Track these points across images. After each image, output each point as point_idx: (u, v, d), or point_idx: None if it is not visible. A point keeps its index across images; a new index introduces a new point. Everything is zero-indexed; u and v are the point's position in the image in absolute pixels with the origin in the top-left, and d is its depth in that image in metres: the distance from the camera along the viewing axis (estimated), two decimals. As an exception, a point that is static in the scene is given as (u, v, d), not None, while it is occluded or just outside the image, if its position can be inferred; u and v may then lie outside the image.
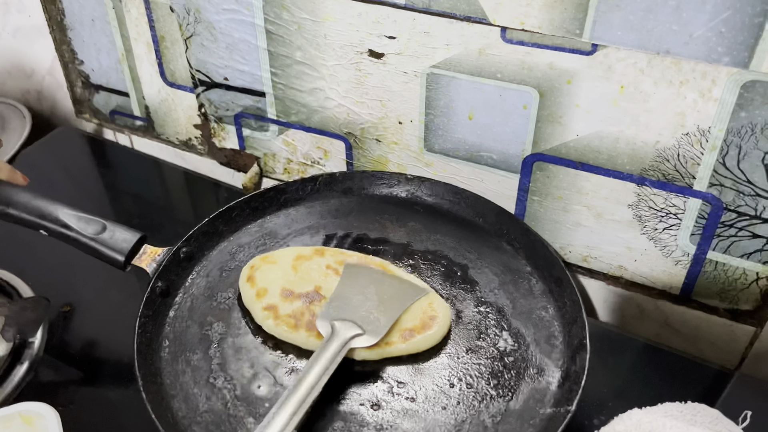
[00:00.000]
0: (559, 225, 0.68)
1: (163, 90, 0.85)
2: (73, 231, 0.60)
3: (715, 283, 0.63)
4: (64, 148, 0.94)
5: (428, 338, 0.56)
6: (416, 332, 0.56)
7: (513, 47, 0.59)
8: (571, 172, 0.64)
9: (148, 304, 0.58)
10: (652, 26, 0.53)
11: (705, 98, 0.54)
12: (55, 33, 0.88)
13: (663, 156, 0.59)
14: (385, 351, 0.55)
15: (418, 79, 0.66)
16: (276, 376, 0.55)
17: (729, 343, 0.65)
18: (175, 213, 0.86)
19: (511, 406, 0.53)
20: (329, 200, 0.71)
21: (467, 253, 0.65)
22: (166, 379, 0.54)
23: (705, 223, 0.60)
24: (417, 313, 0.57)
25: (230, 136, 0.83)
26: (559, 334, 0.57)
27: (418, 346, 0.56)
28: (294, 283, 0.60)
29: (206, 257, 0.65)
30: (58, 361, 0.64)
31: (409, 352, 0.56)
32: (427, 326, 0.56)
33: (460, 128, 0.67)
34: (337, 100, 0.72)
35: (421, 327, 0.56)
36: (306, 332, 0.56)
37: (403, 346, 0.55)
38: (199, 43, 0.76)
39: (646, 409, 0.48)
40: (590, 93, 0.58)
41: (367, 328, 0.55)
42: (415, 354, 0.56)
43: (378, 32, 0.65)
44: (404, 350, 0.56)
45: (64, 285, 0.71)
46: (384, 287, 0.59)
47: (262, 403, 0.53)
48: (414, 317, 0.57)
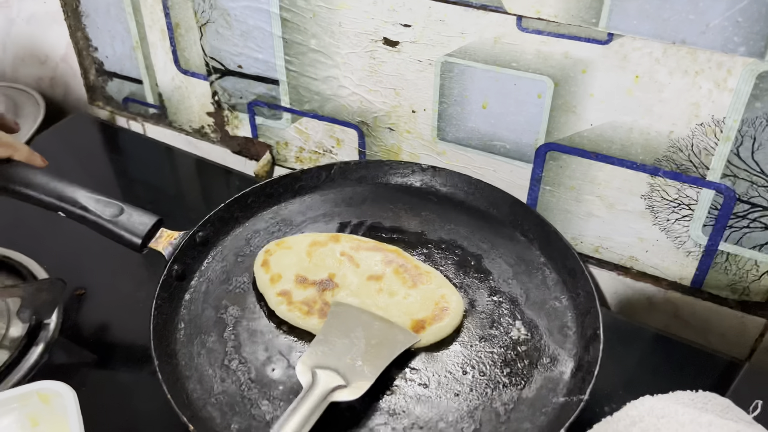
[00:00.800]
0: (571, 215, 0.68)
1: (177, 77, 0.85)
2: (91, 213, 0.61)
3: (726, 275, 0.63)
4: (77, 135, 0.95)
5: (439, 330, 0.56)
6: (427, 323, 0.56)
7: (528, 36, 0.59)
8: (584, 161, 0.64)
9: (165, 287, 0.59)
10: (669, 15, 0.53)
11: (720, 88, 0.54)
12: (70, 20, 0.89)
13: (677, 146, 0.59)
14: None
15: (433, 67, 0.66)
16: (290, 360, 0.55)
17: (739, 335, 0.65)
18: (186, 200, 0.86)
19: (524, 394, 0.53)
20: (343, 188, 0.71)
21: (481, 243, 0.65)
22: (181, 361, 0.55)
23: (717, 214, 0.60)
24: (429, 304, 0.57)
25: (243, 124, 0.83)
26: (572, 325, 0.58)
27: (428, 338, 0.56)
28: (308, 270, 0.60)
29: (222, 242, 0.65)
30: (72, 343, 0.64)
31: (422, 345, 0.56)
32: (439, 318, 0.56)
33: (474, 117, 0.67)
34: (351, 89, 0.72)
35: (433, 318, 0.56)
36: (318, 319, 0.56)
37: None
38: (214, 31, 0.76)
39: (658, 396, 0.49)
40: (605, 82, 0.59)
41: (351, 379, 0.50)
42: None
43: (393, 20, 0.65)
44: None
45: (78, 268, 0.71)
46: (372, 331, 0.55)
47: (276, 386, 0.53)
48: (426, 308, 0.57)
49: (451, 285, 0.60)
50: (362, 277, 0.59)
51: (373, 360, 0.53)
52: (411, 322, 0.56)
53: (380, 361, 0.53)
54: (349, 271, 0.60)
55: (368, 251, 0.62)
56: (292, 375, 0.54)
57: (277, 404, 0.52)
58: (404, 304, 0.57)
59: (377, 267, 0.60)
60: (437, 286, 0.59)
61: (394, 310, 0.57)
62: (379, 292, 0.58)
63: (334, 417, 0.51)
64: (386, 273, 0.60)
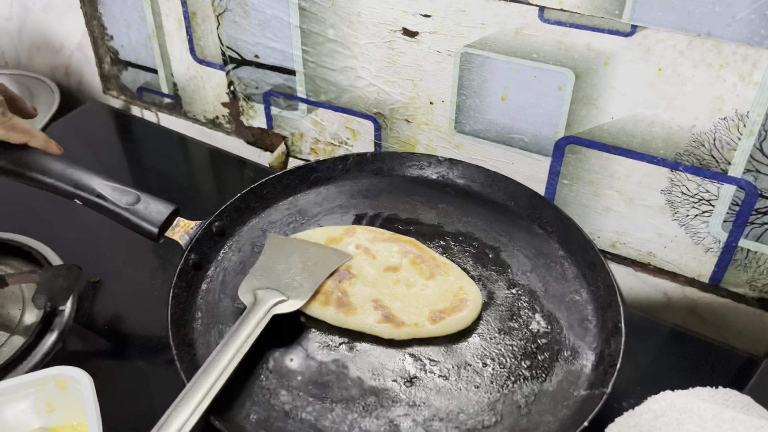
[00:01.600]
0: (589, 209, 0.67)
1: (192, 67, 0.85)
2: (107, 201, 0.60)
3: (745, 272, 0.63)
4: (91, 124, 0.95)
5: (458, 321, 0.56)
6: (446, 314, 0.56)
7: (550, 27, 0.59)
8: (603, 155, 0.63)
9: (182, 276, 0.58)
10: (694, 7, 0.52)
11: (745, 82, 0.54)
12: (86, 8, 0.89)
13: (698, 141, 0.58)
14: (413, 331, 0.55)
15: (452, 58, 0.65)
16: (308, 350, 0.55)
17: (757, 332, 0.65)
18: (200, 190, 0.86)
19: (545, 387, 0.52)
20: (359, 180, 0.71)
21: (499, 236, 0.64)
22: (199, 350, 0.55)
23: (738, 210, 0.60)
24: (447, 296, 0.57)
25: (258, 115, 0.83)
26: (592, 318, 0.57)
27: (446, 329, 0.56)
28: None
29: (238, 232, 0.65)
30: (87, 330, 0.64)
31: (438, 334, 0.55)
32: (458, 309, 0.56)
33: (493, 109, 0.67)
34: (368, 80, 0.72)
35: (452, 309, 0.56)
36: (335, 308, 0.56)
37: (432, 327, 0.55)
38: (231, 20, 0.76)
39: (678, 392, 0.48)
40: (627, 75, 0.58)
41: (291, 294, 0.55)
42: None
43: (413, 10, 0.64)
44: (432, 332, 0.55)
45: (93, 256, 0.71)
46: (308, 254, 0.59)
47: (294, 376, 0.53)
48: (444, 299, 0.57)
49: (469, 278, 0.59)
50: (379, 269, 0.59)
51: (310, 277, 0.57)
52: (429, 312, 0.56)
53: (317, 277, 0.57)
54: (366, 263, 0.60)
55: (384, 242, 0.61)
56: (311, 365, 0.54)
57: (295, 394, 0.52)
58: (422, 295, 0.57)
59: (394, 258, 0.60)
60: (455, 278, 0.59)
61: (412, 300, 0.57)
62: (396, 283, 0.58)
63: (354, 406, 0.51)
64: (403, 264, 0.59)
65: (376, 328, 0.55)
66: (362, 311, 0.56)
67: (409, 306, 0.56)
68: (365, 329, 0.55)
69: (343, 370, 0.53)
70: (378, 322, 0.55)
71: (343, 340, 0.56)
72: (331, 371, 0.53)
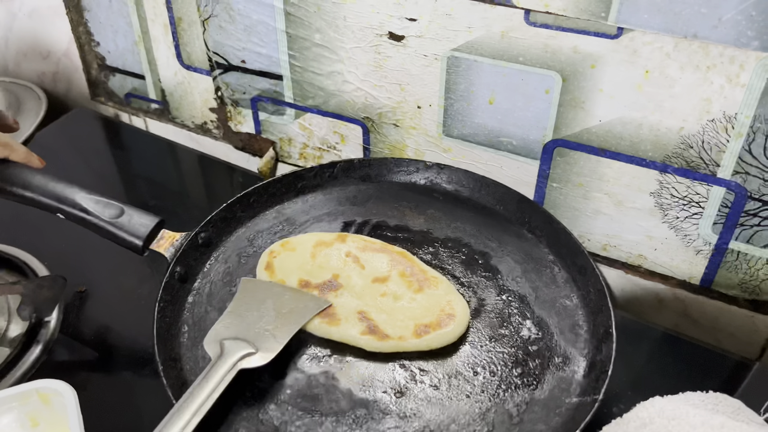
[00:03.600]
0: (579, 213, 0.67)
1: (180, 73, 0.85)
2: (90, 215, 0.59)
3: (736, 274, 0.62)
4: (79, 130, 0.94)
5: (443, 336, 0.55)
6: (431, 329, 0.55)
7: (536, 30, 0.58)
8: (592, 158, 0.63)
9: (167, 289, 0.58)
10: (680, 9, 0.52)
11: (732, 83, 0.53)
12: (72, 14, 0.88)
13: (687, 143, 0.58)
14: (397, 344, 0.54)
15: (439, 62, 0.65)
16: (296, 362, 0.54)
17: (749, 334, 0.64)
18: (189, 197, 0.85)
19: (537, 395, 0.52)
20: (347, 187, 0.70)
21: (488, 241, 0.64)
22: (186, 365, 0.54)
23: (728, 212, 0.59)
24: (434, 310, 0.56)
25: (246, 120, 0.82)
26: (583, 323, 0.57)
27: (430, 343, 0.55)
28: (312, 272, 0.59)
29: (224, 243, 0.64)
30: (73, 340, 0.64)
31: (422, 348, 0.54)
32: (444, 324, 0.55)
33: (480, 113, 0.66)
34: (356, 84, 0.71)
35: (437, 324, 0.55)
36: (319, 318, 0.55)
37: (415, 341, 0.54)
38: (217, 25, 0.75)
39: (668, 397, 0.48)
40: (614, 77, 0.58)
41: (261, 346, 0.51)
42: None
43: (399, 14, 0.64)
44: (416, 346, 0.54)
45: (79, 266, 0.70)
46: (282, 301, 0.56)
47: (283, 390, 0.52)
48: (431, 313, 0.56)
49: (458, 292, 0.58)
50: (367, 280, 0.58)
51: (283, 326, 0.54)
52: (414, 326, 0.55)
53: (291, 327, 0.54)
54: (354, 273, 0.59)
55: (374, 252, 0.61)
56: (300, 377, 0.53)
57: (285, 408, 0.51)
58: (409, 309, 0.56)
59: (383, 269, 0.59)
60: (444, 292, 0.58)
61: (398, 314, 0.56)
62: (384, 296, 0.57)
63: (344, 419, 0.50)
64: (392, 276, 0.59)
65: (359, 340, 0.54)
66: (346, 322, 0.55)
67: (395, 319, 0.55)
68: (348, 341, 0.54)
69: (332, 382, 0.53)
70: (361, 334, 0.54)
71: (331, 352, 0.55)
72: (320, 383, 0.53)
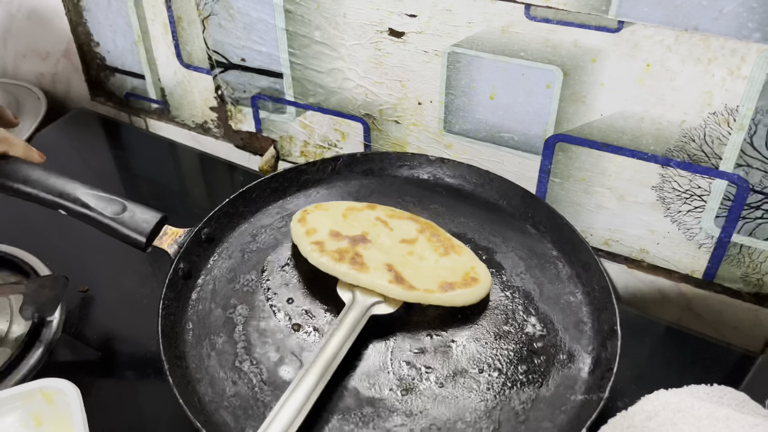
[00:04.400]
0: (581, 207, 0.67)
1: (179, 72, 0.85)
2: (93, 211, 0.59)
3: (739, 267, 0.62)
4: (79, 131, 0.94)
5: (468, 294, 0.56)
6: (456, 287, 0.56)
7: (537, 25, 0.58)
8: (594, 153, 0.63)
9: (171, 286, 0.57)
10: (681, 2, 0.52)
11: (734, 76, 0.53)
12: (71, 14, 0.88)
13: (689, 136, 0.58)
14: (422, 296, 0.55)
15: (439, 58, 0.65)
16: (302, 360, 0.54)
17: (753, 328, 0.64)
18: (190, 196, 0.85)
19: (542, 393, 0.52)
20: (350, 181, 0.70)
21: (491, 236, 0.64)
22: (191, 363, 0.54)
23: (730, 205, 0.59)
24: (459, 272, 0.57)
25: (247, 119, 0.82)
26: (588, 320, 0.56)
27: (455, 300, 0.55)
28: (343, 227, 0.61)
29: (227, 239, 0.64)
30: (76, 340, 0.64)
31: (446, 303, 0.55)
32: (468, 285, 0.56)
33: (481, 108, 0.66)
34: (356, 81, 0.71)
35: (462, 284, 0.56)
36: (348, 266, 0.56)
37: (441, 295, 0.55)
38: (217, 24, 0.75)
39: (672, 390, 0.48)
40: (615, 71, 0.58)
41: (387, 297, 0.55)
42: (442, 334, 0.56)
43: (399, 10, 0.64)
44: (441, 300, 0.55)
45: (82, 265, 0.70)
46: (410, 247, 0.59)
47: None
48: (455, 275, 0.57)
49: (481, 261, 0.59)
50: (395, 240, 0.60)
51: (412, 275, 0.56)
52: (439, 283, 0.56)
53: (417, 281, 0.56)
54: (383, 233, 0.60)
55: (402, 219, 0.62)
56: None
57: (292, 406, 0.51)
58: (433, 269, 0.57)
59: (411, 233, 0.61)
60: (468, 259, 0.59)
61: (424, 271, 0.57)
62: (410, 255, 0.58)
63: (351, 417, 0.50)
64: (419, 239, 0.60)
65: (387, 288, 0.55)
66: (375, 271, 0.56)
67: (422, 275, 0.57)
68: (376, 288, 0.55)
69: (338, 381, 0.53)
70: (389, 282, 0.55)
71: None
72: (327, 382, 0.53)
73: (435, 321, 0.56)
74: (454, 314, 0.57)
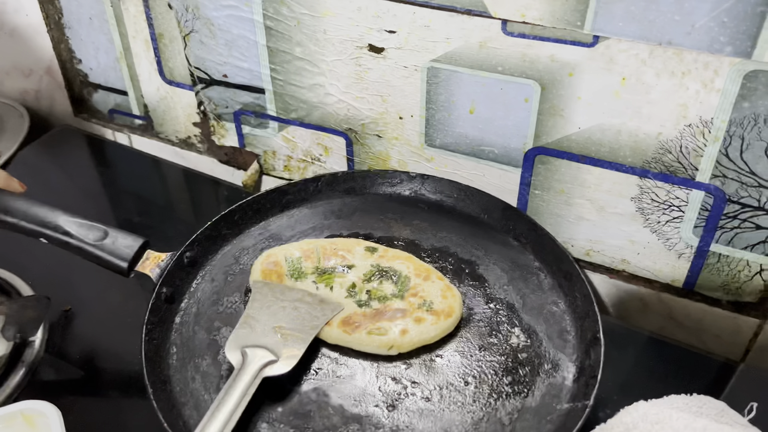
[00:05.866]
0: (562, 219, 0.67)
1: (162, 88, 0.85)
2: (74, 238, 0.59)
3: (718, 276, 0.63)
4: (62, 148, 0.94)
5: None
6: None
7: (514, 40, 0.59)
8: (573, 165, 0.63)
9: (154, 311, 0.57)
10: (654, 17, 0.53)
11: (707, 89, 0.54)
12: (53, 32, 0.88)
13: (665, 148, 0.58)
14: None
15: (419, 73, 0.65)
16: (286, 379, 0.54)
17: (733, 336, 0.65)
18: (175, 212, 0.85)
19: (528, 403, 0.52)
20: (332, 200, 0.70)
21: (474, 249, 0.64)
22: (175, 387, 0.54)
23: (708, 216, 0.60)
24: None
25: (230, 134, 0.83)
26: (571, 329, 0.57)
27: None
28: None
29: (210, 261, 0.64)
30: (59, 360, 0.63)
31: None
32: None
33: (461, 122, 0.67)
34: (337, 96, 0.72)
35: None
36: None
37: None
38: (198, 40, 0.76)
39: (652, 401, 0.48)
40: (592, 85, 0.58)
41: (281, 353, 0.52)
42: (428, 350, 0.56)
43: (378, 26, 0.64)
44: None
45: (65, 285, 0.70)
46: (297, 305, 0.57)
47: (275, 408, 0.52)
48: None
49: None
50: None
51: (301, 333, 0.54)
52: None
53: (308, 334, 0.54)
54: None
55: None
56: (291, 394, 0.53)
57: (276, 426, 0.51)
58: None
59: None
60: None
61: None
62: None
63: None
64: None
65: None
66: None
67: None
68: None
69: (323, 398, 0.53)
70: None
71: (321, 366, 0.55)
72: (311, 400, 0.53)
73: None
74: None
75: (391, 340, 0.54)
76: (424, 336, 0.55)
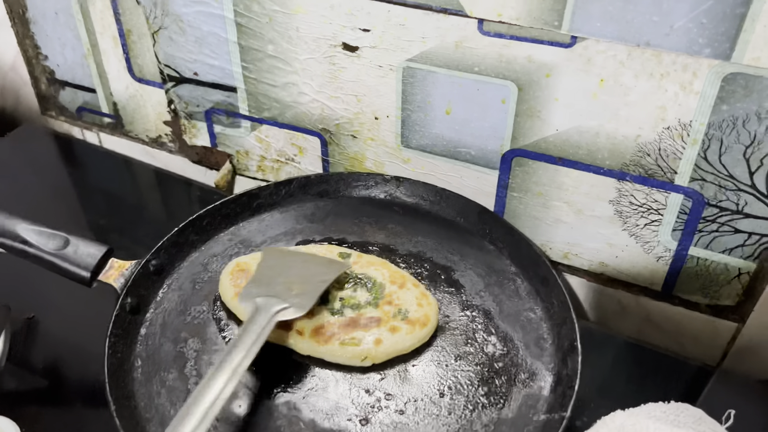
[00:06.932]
0: (539, 221, 0.66)
1: (131, 86, 0.82)
2: (33, 247, 0.56)
3: (696, 279, 0.62)
4: (29, 147, 0.91)
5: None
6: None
7: (490, 40, 0.58)
8: (550, 167, 0.62)
9: (118, 322, 0.55)
10: (632, 17, 0.51)
11: (686, 91, 0.53)
12: (17, 26, 0.85)
13: (644, 150, 0.57)
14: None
15: (394, 73, 0.64)
16: (256, 393, 0.52)
17: (711, 339, 0.64)
18: (146, 213, 0.83)
19: (504, 414, 0.51)
20: (304, 204, 0.68)
21: (450, 254, 0.63)
22: (140, 402, 0.51)
23: (686, 219, 0.59)
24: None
25: (201, 133, 0.80)
26: (548, 336, 0.56)
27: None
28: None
29: (177, 269, 0.62)
30: (22, 369, 0.61)
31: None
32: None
33: (438, 123, 0.65)
34: (311, 95, 0.70)
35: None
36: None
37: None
38: (167, 37, 0.73)
39: (629, 411, 0.47)
40: (569, 86, 0.57)
41: (292, 302, 0.52)
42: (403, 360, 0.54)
43: (352, 24, 0.63)
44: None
45: (27, 293, 0.68)
46: (305, 264, 0.58)
47: (244, 424, 0.50)
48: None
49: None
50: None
51: (310, 285, 0.55)
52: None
53: (317, 287, 0.55)
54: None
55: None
56: (261, 410, 0.51)
57: (246, 442, 0.49)
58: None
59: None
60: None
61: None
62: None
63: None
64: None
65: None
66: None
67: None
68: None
69: (294, 413, 0.51)
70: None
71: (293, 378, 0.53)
72: (282, 415, 0.51)
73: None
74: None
75: (365, 351, 0.53)
76: (399, 346, 0.53)
